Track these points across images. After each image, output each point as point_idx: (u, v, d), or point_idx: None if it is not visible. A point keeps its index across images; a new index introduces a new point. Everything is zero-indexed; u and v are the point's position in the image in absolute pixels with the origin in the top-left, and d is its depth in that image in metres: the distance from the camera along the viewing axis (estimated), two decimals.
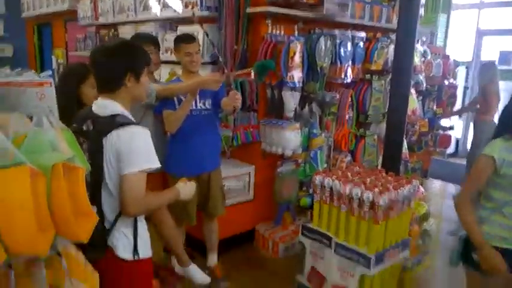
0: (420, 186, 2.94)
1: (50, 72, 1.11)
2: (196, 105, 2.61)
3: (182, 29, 3.50)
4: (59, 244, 1.03)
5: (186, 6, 3.44)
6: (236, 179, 3.25)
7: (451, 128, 5.72)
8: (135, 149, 1.45)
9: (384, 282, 2.62)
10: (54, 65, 6.07)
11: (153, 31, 3.83)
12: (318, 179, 2.63)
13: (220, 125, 3.12)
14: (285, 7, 3.09)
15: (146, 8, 4.03)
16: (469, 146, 6.15)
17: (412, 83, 4.17)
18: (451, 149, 6.47)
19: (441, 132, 5.48)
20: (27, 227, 0.84)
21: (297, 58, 3.09)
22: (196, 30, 3.15)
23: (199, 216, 2.86)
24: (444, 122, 5.58)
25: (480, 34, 7.06)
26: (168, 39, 3.68)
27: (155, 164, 1.49)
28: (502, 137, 1.85)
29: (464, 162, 6.17)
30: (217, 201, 2.81)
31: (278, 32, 3.18)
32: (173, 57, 3.60)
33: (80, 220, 0.97)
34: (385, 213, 2.41)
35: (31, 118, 1.04)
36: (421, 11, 4.40)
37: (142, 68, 1.58)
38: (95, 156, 1.43)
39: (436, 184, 5.63)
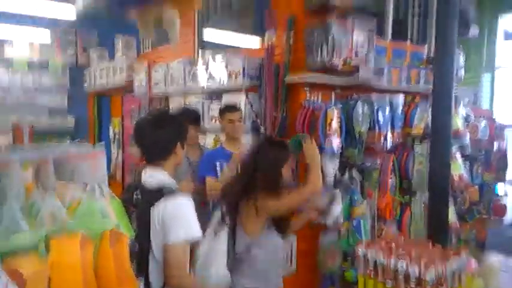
0: (472, 258, 2.73)
1: (103, 143, 1.21)
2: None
3: (227, 96, 3.69)
4: None
5: (230, 75, 3.66)
6: None
7: (506, 194, 5.40)
8: (179, 218, 1.51)
9: None
10: (111, 135, 6.44)
11: (200, 101, 4.06)
12: (360, 250, 2.53)
13: None
14: (323, 74, 3.20)
15: (195, 78, 4.27)
16: None
17: (456, 146, 4.07)
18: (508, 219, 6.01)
19: (495, 199, 5.16)
20: None
21: (335, 124, 3.14)
22: (240, 98, 3.33)
23: None
24: (498, 189, 5.29)
25: None
26: (213, 109, 3.89)
27: (197, 233, 1.53)
28: None
29: None
30: None
31: (316, 98, 3.28)
32: (217, 125, 3.79)
33: (122, 286, 1.01)
34: None
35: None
36: (462, 71, 4.40)
37: (186, 136, 1.74)
38: (143, 225, 1.50)
39: (494, 257, 5.19)
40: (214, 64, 3.97)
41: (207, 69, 4.12)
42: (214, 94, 4.10)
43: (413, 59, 4.03)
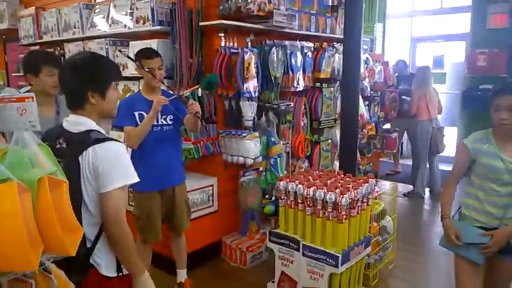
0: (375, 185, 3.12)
1: (29, 88, 1.08)
2: (157, 121, 2.59)
3: (135, 44, 3.47)
4: (45, 263, 1.00)
5: (137, 21, 3.42)
6: (199, 191, 3.24)
7: (396, 130, 6.11)
8: (114, 165, 1.42)
9: (351, 278, 2.73)
10: None
11: (103, 47, 3.75)
12: (282, 184, 2.70)
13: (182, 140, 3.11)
14: (237, 20, 3.17)
15: (94, 24, 3.95)
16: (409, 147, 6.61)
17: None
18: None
19: (387, 135, 5.83)
20: (19, 242, 0.82)
21: (252, 69, 3.19)
22: (149, 44, 3.15)
23: (166, 233, 2.82)
24: (386, 126, 5.97)
25: (414, 41, 7.64)
26: (119, 56, 3.63)
27: (134, 178, 1.47)
28: (486, 129, 2.07)
29: (407, 162, 6.62)
30: (182, 216, 2.79)
31: (232, 44, 3.26)
32: (125, 73, 3.57)
33: (67, 233, 0.96)
34: (347, 212, 2.53)
35: (3, 134, 1.02)
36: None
37: (106, 83, 1.53)
38: (72, 175, 1.38)
39: (386, 184, 5.95)
40: (118, 8, 3.65)
41: (108, 14, 3.78)
42: (119, 41, 3.82)
43: (320, 7, 4.18)
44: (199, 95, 3.06)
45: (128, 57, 2.69)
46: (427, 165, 5.49)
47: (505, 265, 2.06)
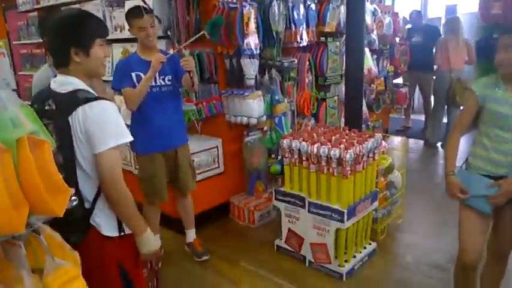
0: (382, 140, 3.06)
1: (1, 43, 1.03)
2: (156, 82, 2.54)
3: (129, 3, 3.35)
4: (34, 224, 1.00)
5: None
6: (204, 153, 3.23)
7: (405, 85, 5.95)
8: (106, 125, 1.39)
9: (358, 233, 2.74)
10: None
11: (100, 9, 3.64)
12: (285, 142, 2.67)
13: (183, 100, 3.06)
14: None
15: None
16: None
17: (365, 42, 4.26)
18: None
19: (396, 89, 5.68)
20: (0, 203, 0.81)
21: (252, 24, 3.07)
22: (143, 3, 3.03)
23: (173, 194, 2.85)
24: (396, 80, 5.80)
25: None
26: (116, 17, 3.52)
27: (128, 137, 1.44)
28: (487, 76, 1.98)
29: (418, 117, 6.49)
30: (187, 177, 2.79)
31: None
32: (123, 35, 3.49)
33: (53, 194, 0.94)
34: (352, 167, 2.50)
35: None
36: None
37: (90, 40, 1.46)
38: (63, 136, 1.36)
39: (396, 140, 5.88)
40: None
41: None
42: (115, 1, 3.69)
43: None
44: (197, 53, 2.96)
45: (151, 10, 2.59)
46: (444, 117, 5.37)
47: None
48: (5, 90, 0.98)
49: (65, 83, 1.45)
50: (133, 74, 2.49)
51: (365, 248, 2.85)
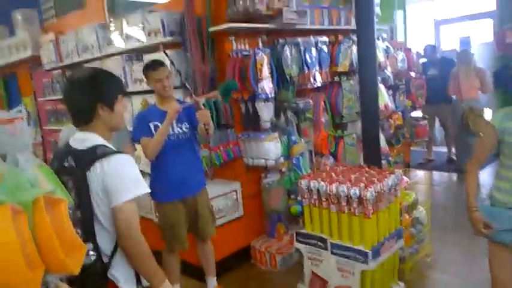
0: (403, 175, 2.99)
1: (21, 108, 1.09)
2: (173, 130, 2.61)
3: (148, 58, 3.52)
4: (51, 283, 1.01)
5: (149, 34, 3.46)
6: (223, 197, 3.23)
7: (425, 118, 5.89)
8: (122, 178, 1.42)
9: (384, 274, 2.63)
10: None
11: (120, 64, 3.83)
12: (303, 183, 2.64)
13: (201, 147, 3.12)
14: (246, 22, 3.15)
15: (110, 42, 4.04)
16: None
17: (380, 79, 4.29)
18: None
19: (416, 123, 5.63)
20: (15, 265, 0.82)
21: (265, 69, 3.15)
22: (162, 57, 3.17)
23: (193, 241, 2.83)
24: (415, 114, 5.77)
25: (437, 24, 7.35)
26: (135, 70, 3.69)
27: (145, 189, 1.47)
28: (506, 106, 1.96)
29: (441, 149, 6.38)
30: (206, 223, 2.78)
31: (243, 47, 3.24)
32: (143, 88, 3.63)
33: (69, 252, 0.95)
34: (374, 206, 2.44)
35: (3, 157, 1.03)
36: (377, 9, 4.58)
37: (114, 96, 1.55)
38: (82, 192, 1.40)
39: (419, 174, 5.74)
40: (130, 24, 3.72)
41: (122, 31, 3.86)
42: (135, 56, 3.89)
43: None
44: (214, 100, 3.05)
45: (171, 62, 2.83)
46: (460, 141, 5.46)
47: None
48: (24, 153, 1.03)
49: (84, 139, 1.50)
50: (151, 125, 2.57)
51: None
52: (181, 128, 2.65)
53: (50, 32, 5.15)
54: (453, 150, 5.96)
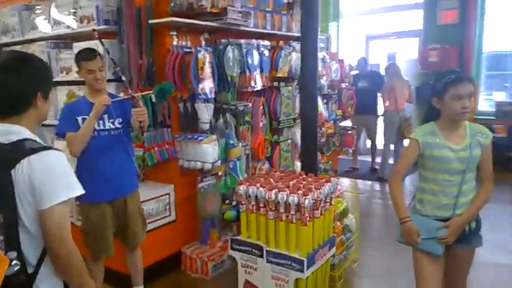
0: (337, 184, 3.07)
1: None
2: (104, 125, 2.40)
3: (79, 46, 3.22)
4: None
5: (81, 21, 3.17)
6: (155, 201, 3.05)
7: (354, 127, 6.18)
8: (54, 178, 1.24)
9: (317, 282, 2.66)
10: None
11: (45, 50, 3.46)
12: (242, 188, 2.58)
13: (134, 145, 2.91)
14: (189, 17, 3.02)
15: (34, 27, 3.65)
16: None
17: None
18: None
19: (345, 132, 5.87)
20: None
21: (207, 69, 3.04)
22: (95, 45, 2.91)
23: (119, 247, 2.62)
24: (344, 123, 6.04)
25: (368, 39, 7.79)
26: (63, 58, 3.36)
27: (79, 190, 1.29)
28: (429, 122, 2.05)
29: (365, 158, 6.77)
30: (136, 228, 2.60)
31: (185, 43, 3.10)
32: (69, 77, 3.32)
33: None
34: (311, 214, 2.45)
35: None
36: None
37: (51, 85, 1.41)
38: (5, 193, 1.19)
39: (345, 181, 5.99)
40: (59, 8, 3.38)
41: (49, 14, 3.50)
42: (63, 43, 3.54)
43: (276, 4, 4.09)
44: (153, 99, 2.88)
45: (107, 51, 2.64)
46: (392, 150, 5.99)
47: (462, 253, 2.06)
48: None
49: (9, 132, 1.28)
50: (79, 118, 2.34)
51: None
52: (113, 123, 2.44)
53: None
54: (376, 159, 6.35)
